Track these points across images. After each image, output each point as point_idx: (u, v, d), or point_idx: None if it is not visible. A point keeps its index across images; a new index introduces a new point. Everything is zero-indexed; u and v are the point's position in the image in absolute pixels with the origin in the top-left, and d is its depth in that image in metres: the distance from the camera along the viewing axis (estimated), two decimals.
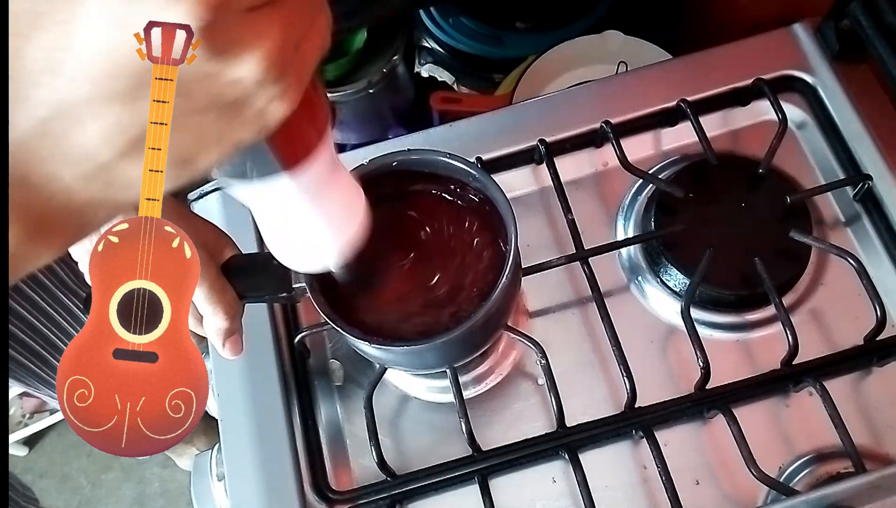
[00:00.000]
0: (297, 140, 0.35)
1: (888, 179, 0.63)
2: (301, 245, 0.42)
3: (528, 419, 0.60)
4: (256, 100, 0.27)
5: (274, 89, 0.27)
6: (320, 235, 0.41)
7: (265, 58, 0.26)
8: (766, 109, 0.68)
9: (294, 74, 0.28)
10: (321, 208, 0.39)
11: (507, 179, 0.67)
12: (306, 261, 0.43)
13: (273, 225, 0.42)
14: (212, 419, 0.62)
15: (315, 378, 0.63)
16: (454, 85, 0.97)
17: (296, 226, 0.41)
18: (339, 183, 0.41)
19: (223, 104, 0.27)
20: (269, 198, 0.38)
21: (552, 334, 0.62)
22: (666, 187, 0.63)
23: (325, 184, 0.38)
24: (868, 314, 0.58)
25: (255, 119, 0.28)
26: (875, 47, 0.62)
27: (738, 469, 0.54)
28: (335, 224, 0.41)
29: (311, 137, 0.35)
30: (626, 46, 0.85)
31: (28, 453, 1.56)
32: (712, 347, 0.57)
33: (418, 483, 0.57)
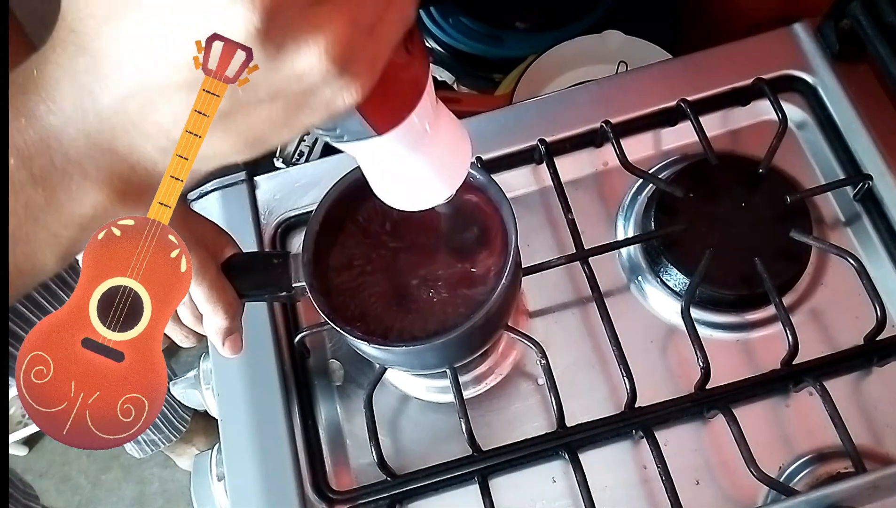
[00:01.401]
0: (388, 107, 0.34)
1: (888, 179, 0.63)
2: (407, 190, 0.41)
3: (528, 419, 0.60)
4: (323, 91, 0.27)
5: (341, 81, 0.27)
6: (426, 179, 0.40)
7: (326, 53, 0.26)
8: (766, 108, 0.68)
9: (365, 61, 0.28)
10: (424, 156, 0.39)
11: (507, 179, 0.67)
12: (413, 202, 0.42)
13: (375, 174, 0.41)
14: (212, 419, 0.62)
15: (315, 378, 0.63)
16: (454, 85, 0.97)
17: (400, 174, 0.40)
18: (441, 130, 0.39)
19: (289, 96, 0.27)
20: (369, 153, 0.37)
21: (552, 334, 0.62)
22: (666, 187, 0.63)
23: (424, 137, 0.37)
24: (868, 314, 0.58)
25: (324, 107, 0.28)
26: (875, 47, 0.62)
27: (738, 469, 0.54)
28: (440, 169, 0.41)
29: (404, 101, 0.34)
30: (626, 46, 0.85)
31: (28, 453, 1.56)
32: (712, 347, 0.57)
33: (418, 483, 0.57)
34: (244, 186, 0.68)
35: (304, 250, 0.50)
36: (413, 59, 0.33)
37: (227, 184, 0.68)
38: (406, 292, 0.52)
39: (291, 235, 0.68)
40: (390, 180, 0.41)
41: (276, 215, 0.67)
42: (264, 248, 0.66)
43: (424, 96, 0.35)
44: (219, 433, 0.60)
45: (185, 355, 1.50)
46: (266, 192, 0.68)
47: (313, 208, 0.51)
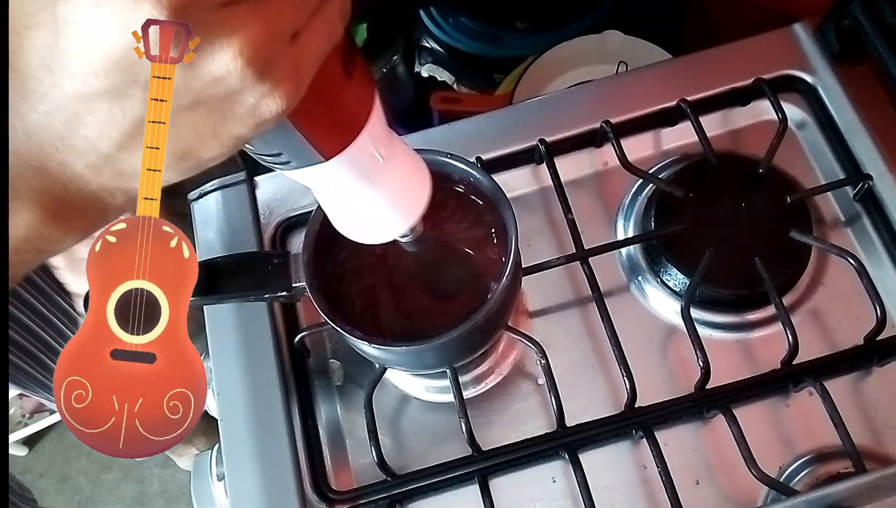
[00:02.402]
0: (331, 129, 0.33)
1: (888, 179, 0.63)
2: (362, 222, 0.41)
3: (528, 419, 0.60)
4: (245, 97, 0.27)
5: (261, 87, 0.27)
6: (381, 211, 0.40)
7: (240, 54, 0.26)
8: (766, 108, 0.68)
9: (286, 68, 0.27)
10: (377, 187, 0.38)
11: (507, 179, 0.67)
12: (368, 235, 0.42)
13: (330, 205, 0.40)
14: (212, 419, 0.62)
15: (315, 378, 0.63)
16: (454, 85, 0.97)
17: (354, 205, 0.39)
18: (396, 160, 0.39)
19: (210, 101, 0.27)
20: (320, 181, 0.36)
21: (552, 334, 0.62)
22: (666, 187, 0.63)
23: (376, 166, 0.37)
24: (868, 314, 0.58)
25: (249, 115, 0.28)
26: (875, 47, 0.62)
27: (738, 469, 0.54)
28: (396, 200, 0.40)
29: (348, 124, 0.34)
30: (626, 46, 0.85)
31: (28, 453, 1.57)
32: (712, 347, 0.57)
33: (418, 483, 0.57)
34: (244, 186, 0.68)
35: (304, 250, 0.50)
36: (354, 83, 0.33)
37: (227, 184, 0.68)
38: (406, 291, 0.52)
39: (291, 235, 0.68)
40: (345, 211, 0.40)
41: (276, 215, 0.67)
42: (264, 248, 0.66)
43: (374, 122, 0.35)
44: (219, 433, 0.60)
45: None
46: (266, 192, 0.68)
47: (313, 208, 0.51)
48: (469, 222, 0.53)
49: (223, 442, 0.59)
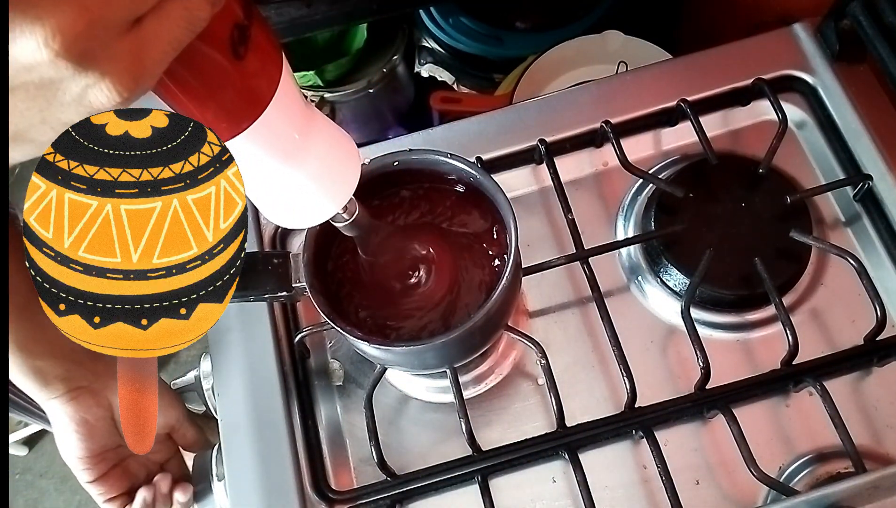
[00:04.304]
0: (226, 111, 0.32)
1: (888, 180, 0.63)
2: (288, 205, 0.39)
3: (528, 419, 0.60)
4: (67, 85, 0.26)
5: (85, 77, 0.25)
6: (306, 193, 0.38)
7: (49, 44, 0.24)
8: (766, 108, 0.68)
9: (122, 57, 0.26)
10: (299, 168, 0.37)
11: (507, 179, 0.67)
12: (296, 219, 0.40)
13: (255, 190, 0.38)
14: (212, 419, 0.62)
15: (315, 378, 0.63)
16: (454, 85, 0.97)
17: (277, 187, 0.38)
18: (319, 140, 0.37)
19: (27, 87, 0.26)
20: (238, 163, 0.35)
21: (552, 334, 0.62)
22: (666, 187, 0.63)
23: (293, 146, 0.36)
24: (868, 314, 0.58)
25: (76, 103, 0.27)
26: (875, 47, 0.62)
27: (738, 469, 0.54)
28: (321, 182, 0.38)
29: (247, 104, 0.33)
30: (626, 46, 0.85)
31: (28, 453, 1.56)
32: (712, 347, 0.57)
33: (418, 483, 0.57)
34: None
35: (304, 250, 0.50)
36: (247, 63, 0.32)
37: None
38: (406, 292, 0.52)
39: (291, 235, 0.68)
40: (270, 195, 0.39)
41: None
42: (264, 248, 0.66)
43: (281, 101, 0.33)
44: (219, 433, 0.60)
45: (185, 355, 1.50)
46: None
47: None
48: (469, 222, 0.53)
49: (223, 442, 0.59)
